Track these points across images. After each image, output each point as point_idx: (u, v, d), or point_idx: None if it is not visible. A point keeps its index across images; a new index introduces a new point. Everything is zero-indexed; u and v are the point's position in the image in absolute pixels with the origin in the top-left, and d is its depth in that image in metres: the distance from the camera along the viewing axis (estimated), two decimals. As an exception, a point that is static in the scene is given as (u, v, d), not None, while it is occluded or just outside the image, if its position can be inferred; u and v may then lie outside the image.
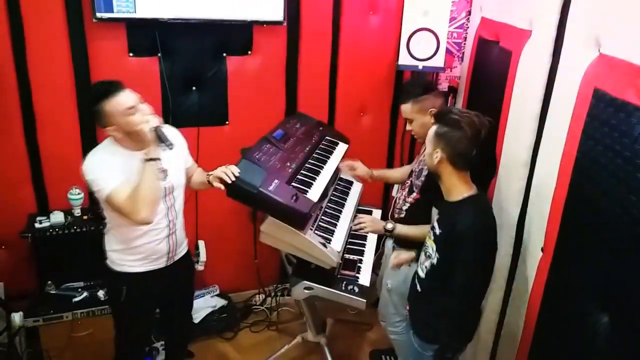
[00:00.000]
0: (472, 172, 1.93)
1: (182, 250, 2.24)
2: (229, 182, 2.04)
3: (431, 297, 1.95)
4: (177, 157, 2.12)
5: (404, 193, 2.46)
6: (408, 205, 2.38)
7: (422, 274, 1.99)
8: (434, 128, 1.86)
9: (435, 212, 2.12)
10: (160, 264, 2.12)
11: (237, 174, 2.05)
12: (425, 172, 2.26)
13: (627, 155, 1.32)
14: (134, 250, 2.04)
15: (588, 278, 1.52)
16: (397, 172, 2.84)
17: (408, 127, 2.41)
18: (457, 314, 1.84)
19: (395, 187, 2.75)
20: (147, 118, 1.89)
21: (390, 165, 3.36)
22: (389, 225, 2.33)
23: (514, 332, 2.05)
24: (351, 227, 2.48)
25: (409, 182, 2.44)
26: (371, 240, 2.60)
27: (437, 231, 1.90)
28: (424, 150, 2.25)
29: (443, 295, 1.85)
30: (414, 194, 2.34)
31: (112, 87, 1.86)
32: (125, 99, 1.85)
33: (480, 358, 2.36)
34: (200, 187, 2.26)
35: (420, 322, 2.04)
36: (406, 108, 2.37)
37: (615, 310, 1.39)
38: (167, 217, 2.07)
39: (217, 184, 2.07)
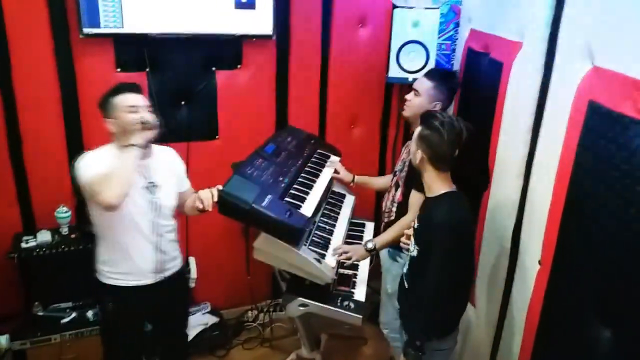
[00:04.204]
0: (465, 184, 1.96)
1: (174, 267, 2.20)
2: (216, 199, 2.04)
3: (413, 291, 1.98)
4: (171, 177, 2.15)
5: (391, 194, 2.47)
6: (397, 204, 2.38)
7: (405, 270, 2.04)
8: (418, 129, 1.93)
9: (413, 195, 2.19)
10: (148, 279, 2.10)
11: (220, 189, 2.07)
12: (407, 163, 2.31)
13: (625, 168, 1.32)
14: (119, 262, 2.04)
15: (587, 291, 1.51)
16: (382, 179, 2.84)
17: (408, 97, 2.41)
18: (426, 303, 1.86)
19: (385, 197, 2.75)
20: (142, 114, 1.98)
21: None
22: (370, 245, 2.31)
23: (511, 346, 2.03)
24: (339, 261, 2.34)
25: (393, 181, 2.47)
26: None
27: (416, 225, 1.96)
28: (404, 150, 2.47)
29: (421, 287, 1.89)
30: (400, 189, 2.37)
31: (126, 86, 2.05)
32: (131, 98, 1.99)
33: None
34: (192, 212, 2.22)
35: (405, 318, 2.06)
36: (425, 83, 2.35)
37: (616, 324, 1.38)
38: (152, 232, 2.06)
39: (197, 203, 2.06)
